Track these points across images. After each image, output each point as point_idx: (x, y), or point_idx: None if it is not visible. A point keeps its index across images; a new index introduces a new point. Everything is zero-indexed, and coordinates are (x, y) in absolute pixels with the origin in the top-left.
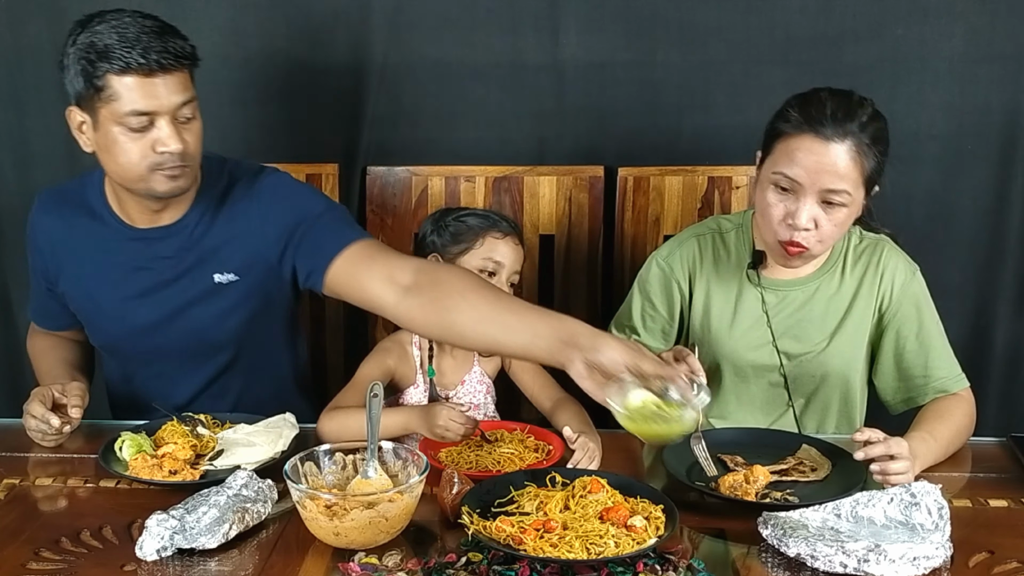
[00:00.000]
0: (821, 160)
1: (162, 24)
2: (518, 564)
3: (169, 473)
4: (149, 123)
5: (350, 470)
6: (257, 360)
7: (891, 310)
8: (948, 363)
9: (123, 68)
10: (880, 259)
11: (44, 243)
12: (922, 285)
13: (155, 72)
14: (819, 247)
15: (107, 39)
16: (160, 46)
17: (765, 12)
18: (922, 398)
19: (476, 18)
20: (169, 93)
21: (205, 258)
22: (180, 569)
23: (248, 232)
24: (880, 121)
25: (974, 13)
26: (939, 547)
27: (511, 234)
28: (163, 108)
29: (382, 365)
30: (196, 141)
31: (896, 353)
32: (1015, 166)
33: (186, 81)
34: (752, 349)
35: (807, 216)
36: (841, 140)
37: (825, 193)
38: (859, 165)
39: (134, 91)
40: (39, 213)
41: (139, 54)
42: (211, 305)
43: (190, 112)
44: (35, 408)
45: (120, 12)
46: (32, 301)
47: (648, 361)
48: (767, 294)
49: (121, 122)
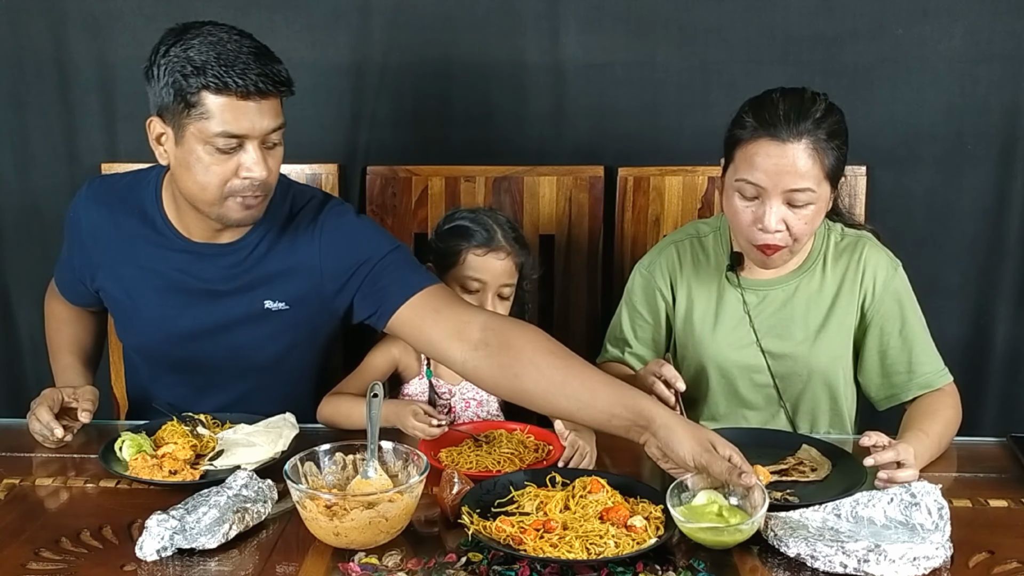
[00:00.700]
0: (780, 162)
1: (259, 46)
2: (518, 564)
3: (169, 473)
4: (238, 145)
5: (350, 470)
6: (288, 384)
7: (874, 307)
8: (932, 358)
9: (220, 87)
10: (861, 256)
11: (87, 234)
12: (904, 281)
13: (251, 95)
14: (795, 245)
15: (205, 55)
16: (259, 69)
17: (765, 12)
18: (906, 394)
19: (476, 18)
20: (262, 118)
21: (258, 283)
22: (180, 569)
23: (306, 266)
24: (835, 115)
25: (974, 13)
26: (939, 547)
27: (495, 248)
28: (254, 132)
29: (388, 354)
30: (278, 168)
31: (880, 350)
32: (1015, 166)
33: (279, 107)
34: (736, 350)
35: (775, 219)
36: (797, 140)
37: (789, 194)
38: (818, 162)
39: (228, 112)
40: (87, 202)
41: (238, 75)
42: (257, 329)
43: (277, 138)
44: (42, 414)
45: (216, 27)
46: (60, 272)
47: (717, 462)
48: (747, 294)
49: (209, 141)
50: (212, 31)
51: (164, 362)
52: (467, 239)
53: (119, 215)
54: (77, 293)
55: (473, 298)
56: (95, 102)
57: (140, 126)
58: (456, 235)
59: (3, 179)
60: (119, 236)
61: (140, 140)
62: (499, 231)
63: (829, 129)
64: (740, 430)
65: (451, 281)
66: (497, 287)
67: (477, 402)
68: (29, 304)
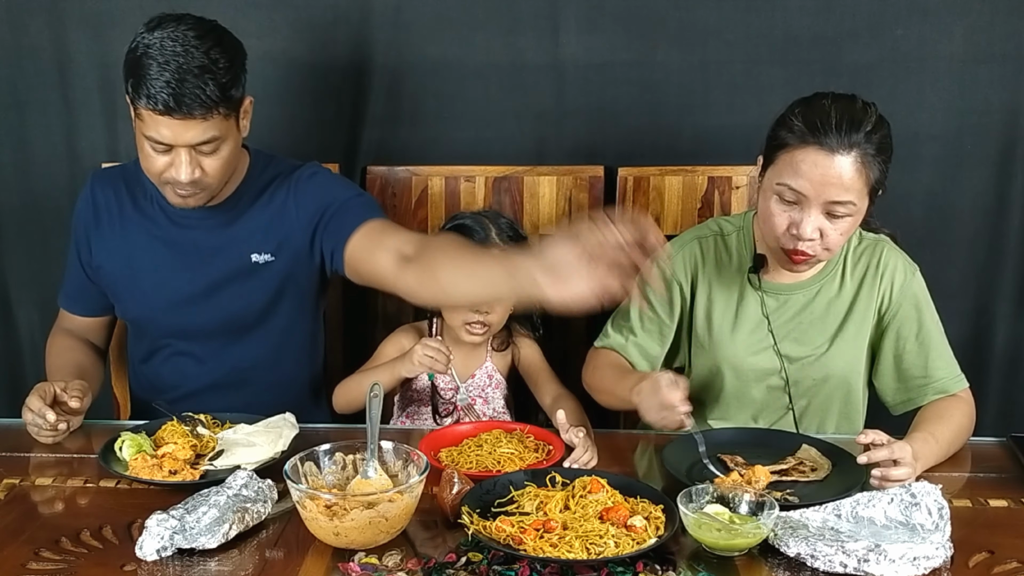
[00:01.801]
0: (826, 173)
1: (207, 60)
2: (518, 564)
3: (169, 473)
4: (168, 148)
5: (350, 470)
6: (281, 355)
7: (891, 311)
8: (948, 364)
9: (147, 104)
10: (880, 260)
11: (91, 216)
12: (922, 285)
13: (171, 112)
14: (825, 255)
15: (150, 65)
16: (191, 92)
17: (765, 12)
18: (922, 399)
19: (476, 18)
20: (185, 131)
21: (243, 238)
22: (180, 569)
23: (283, 216)
24: (884, 128)
25: (974, 13)
26: (939, 547)
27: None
28: (178, 142)
29: (399, 346)
30: (219, 166)
31: (896, 354)
32: (1015, 166)
33: (209, 124)
34: (753, 353)
35: (812, 227)
36: (847, 152)
37: (830, 205)
38: (864, 176)
39: (157, 123)
40: (94, 186)
41: (164, 98)
42: (246, 284)
43: (210, 148)
44: (33, 402)
45: (178, 30)
46: (65, 286)
47: (582, 227)
48: (768, 298)
49: (146, 138)
50: (172, 36)
51: (162, 331)
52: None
53: (122, 193)
54: (85, 299)
55: None
56: (95, 102)
57: None
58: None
59: (3, 179)
60: (122, 212)
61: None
62: (494, 229)
63: (879, 143)
64: (740, 430)
65: None
66: None
67: (483, 399)
68: (29, 304)
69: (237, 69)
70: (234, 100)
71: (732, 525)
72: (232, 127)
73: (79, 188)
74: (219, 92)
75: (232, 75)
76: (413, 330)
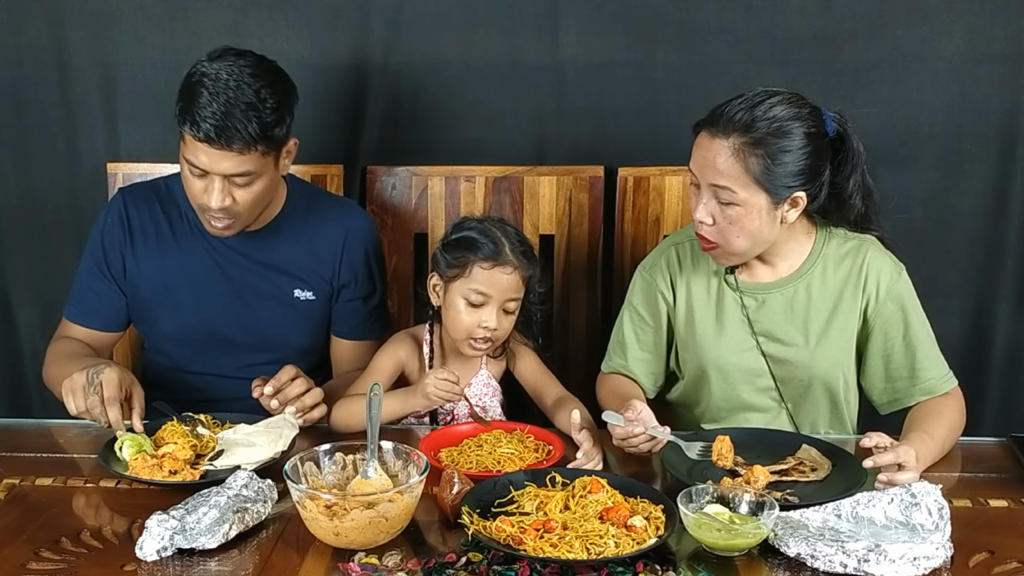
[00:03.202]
0: (705, 155)
1: (256, 99)
2: (518, 564)
3: (169, 473)
4: (204, 173)
5: (350, 470)
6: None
7: (876, 312)
8: (936, 364)
9: (190, 129)
10: (864, 261)
11: (122, 234)
12: (908, 286)
13: (210, 141)
14: (726, 245)
15: (200, 94)
16: (233, 126)
17: (765, 12)
18: (909, 399)
19: (476, 18)
20: (221, 161)
21: (286, 270)
22: (180, 569)
23: (331, 260)
24: (782, 129)
25: (974, 13)
26: (939, 547)
27: (502, 262)
28: (213, 170)
29: (394, 356)
30: (251, 200)
31: (883, 355)
32: (1014, 166)
33: (246, 159)
34: (737, 353)
35: (703, 210)
36: (724, 137)
37: (714, 189)
38: (742, 164)
39: (196, 149)
40: (126, 204)
41: (207, 128)
42: (286, 316)
43: (243, 181)
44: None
45: (235, 65)
46: (79, 299)
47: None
48: (746, 298)
49: (185, 160)
50: (226, 70)
51: (191, 351)
52: (474, 251)
53: (157, 212)
54: (103, 313)
55: (477, 311)
56: (96, 102)
57: (141, 126)
58: (463, 246)
59: (3, 179)
60: (159, 231)
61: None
62: (507, 244)
63: (759, 138)
64: (740, 430)
65: (455, 293)
66: (502, 301)
67: (480, 408)
68: (29, 304)
69: (284, 111)
70: (275, 139)
71: (732, 525)
72: (270, 164)
73: (79, 188)
74: (260, 130)
75: (278, 116)
76: (409, 337)
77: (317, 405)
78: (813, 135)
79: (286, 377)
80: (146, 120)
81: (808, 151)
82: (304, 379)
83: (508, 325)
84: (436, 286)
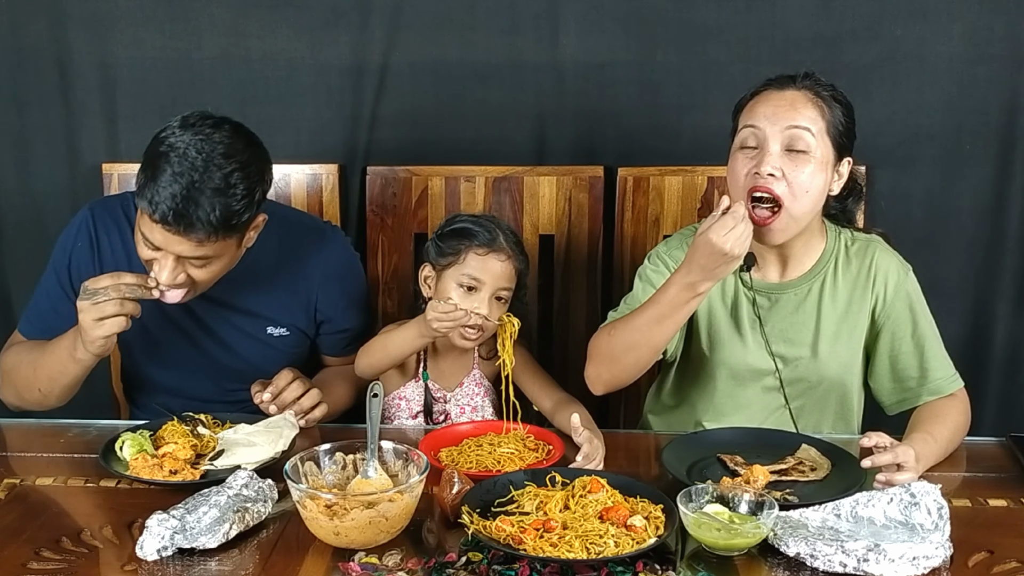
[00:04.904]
0: (779, 103)
1: (224, 184)
2: (518, 564)
3: (169, 473)
4: (157, 249)
5: (350, 470)
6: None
7: (885, 312)
8: (943, 364)
9: (147, 208)
10: (872, 261)
11: (89, 256)
12: (915, 285)
13: (165, 225)
14: (792, 202)
15: (163, 170)
16: (196, 213)
17: (765, 12)
18: (917, 399)
19: (476, 18)
20: (178, 245)
21: (261, 308)
22: (180, 569)
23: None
24: (840, 95)
25: (973, 13)
26: (939, 547)
27: (496, 249)
28: (168, 249)
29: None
30: (207, 278)
31: (891, 355)
32: (1014, 166)
33: (205, 245)
34: (747, 352)
35: (773, 158)
36: (798, 88)
37: (789, 133)
38: (819, 109)
39: (151, 227)
40: (96, 224)
41: (165, 210)
42: (259, 352)
43: (201, 263)
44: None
45: (210, 137)
46: (35, 316)
47: None
48: (759, 297)
49: (140, 230)
50: (196, 146)
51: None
52: (469, 238)
53: (128, 240)
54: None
55: (469, 298)
56: (95, 102)
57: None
58: (457, 235)
59: (3, 179)
60: (129, 262)
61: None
62: (500, 234)
63: (832, 93)
64: (740, 430)
65: (448, 280)
66: (495, 289)
67: (472, 407)
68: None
69: (255, 195)
70: (241, 226)
71: (732, 525)
72: (231, 246)
73: (79, 188)
74: (224, 220)
75: (247, 202)
76: None
77: (317, 405)
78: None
79: (283, 382)
80: (145, 120)
81: (852, 118)
82: (301, 381)
83: (499, 315)
84: (428, 277)
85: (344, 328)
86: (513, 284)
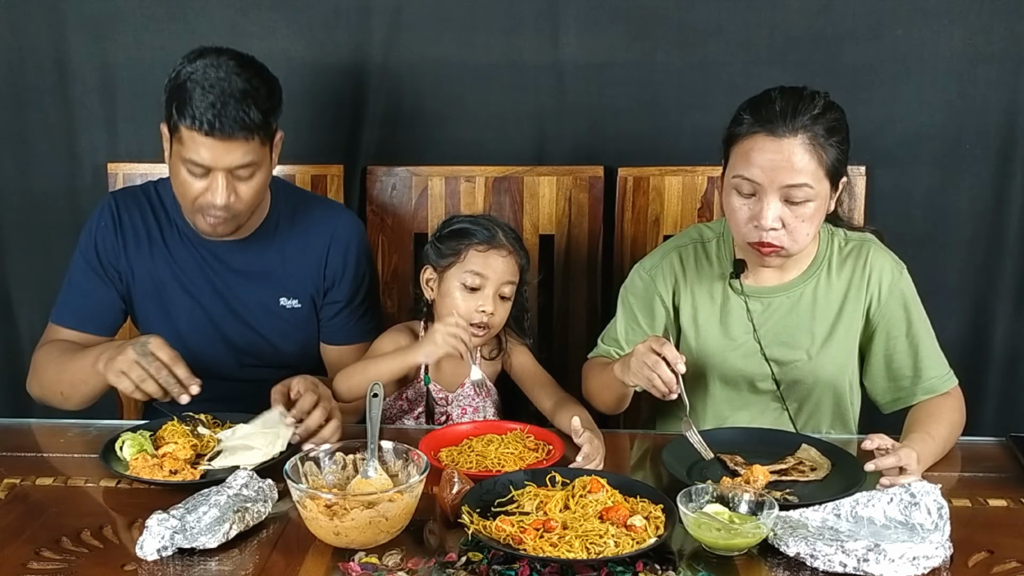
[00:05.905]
0: (775, 158)
1: (246, 88)
2: (518, 564)
3: (169, 473)
4: (206, 171)
5: (350, 470)
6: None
7: (879, 311)
8: (937, 363)
9: (192, 125)
10: (866, 260)
11: (114, 238)
12: (910, 284)
13: (214, 133)
14: (793, 245)
15: (193, 89)
16: (233, 114)
17: (765, 12)
18: (912, 398)
19: (476, 18)
20: (226, 154)
21: (274, 280)
22: (180, 569)
23: (316, 268)
24: (834, 111)
25: (973, 13)
26: (939, 547)
27: (497, 246)
28: (217, 165)
29: (396, 342)
30: (252, 194)
31: (886, 354)
32: (1013, 166)
33: (249, 147)
34: (741, 358)
35: (772, 216)
36: (793, 135)
37: (786, 190)
38: (816, 156)
39: (197, 145)
40: (119, 209)
41: (209, 119)
42: (272, 324)
43: (246, 173)
44: (180, 369)
45: (221, 59)
46: (71, 304)
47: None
48: (752, 302)
49: (183, 162)
50: (214, 63)
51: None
52: (468, 237)
53: (149, 218)
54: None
55: (474, 296)
56: (95, 102)
57: (141, 126)
58: (457, 235)
59: (3, 179)
60: (149, 238)
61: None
62: (499, 231)
63: (827, 125)
64: (740, 430)
65: (451, 280)
66: (499, 285)
67: (473, 408)
68: (29, 304)
69: (275, 100)
70: (271, 129)
71: (732, 525)
72: (267, 155)
73: (79, 188)
74: (260, 117)
75: (271, 103)
76: (407, 329)
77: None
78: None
79: (307, 405)
80: (146, 120)
81: (847, 138)
82: (322, 408)
83: (504, 312)
84: (430, 280)
85: (344, 298)
86: (516, 279)
